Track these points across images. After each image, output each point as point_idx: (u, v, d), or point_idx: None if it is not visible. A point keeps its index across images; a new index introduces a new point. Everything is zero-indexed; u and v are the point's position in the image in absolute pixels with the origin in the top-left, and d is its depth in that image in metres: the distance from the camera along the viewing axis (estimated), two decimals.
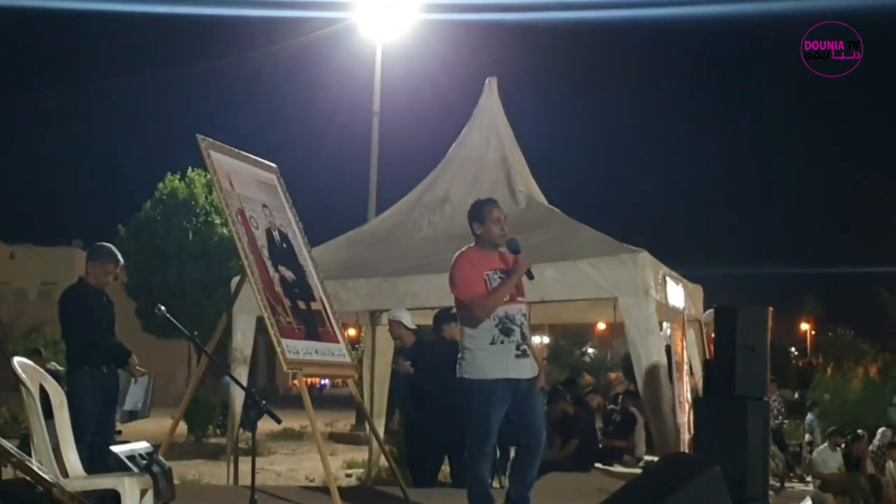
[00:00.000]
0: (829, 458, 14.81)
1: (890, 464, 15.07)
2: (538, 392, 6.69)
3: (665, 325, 11.07)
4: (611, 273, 9.70)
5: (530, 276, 6.57)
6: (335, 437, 23.03)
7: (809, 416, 20.78)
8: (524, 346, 6.49)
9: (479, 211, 6.71)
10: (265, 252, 8.24)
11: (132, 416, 8.33)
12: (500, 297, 6.40)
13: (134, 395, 8.23)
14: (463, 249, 6.77)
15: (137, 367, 7.97)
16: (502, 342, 6.42)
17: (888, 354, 34.35)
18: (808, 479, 14.50)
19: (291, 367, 7.78)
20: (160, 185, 30.68)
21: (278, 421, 5.23)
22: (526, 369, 6.49)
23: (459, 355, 6.60)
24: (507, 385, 6.41)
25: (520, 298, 6.58)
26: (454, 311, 9.46)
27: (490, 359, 6.41)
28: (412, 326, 10.06)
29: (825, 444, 15.42)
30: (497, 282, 6.47)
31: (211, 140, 8.40)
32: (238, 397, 10.87)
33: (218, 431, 21.55)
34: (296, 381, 9.14)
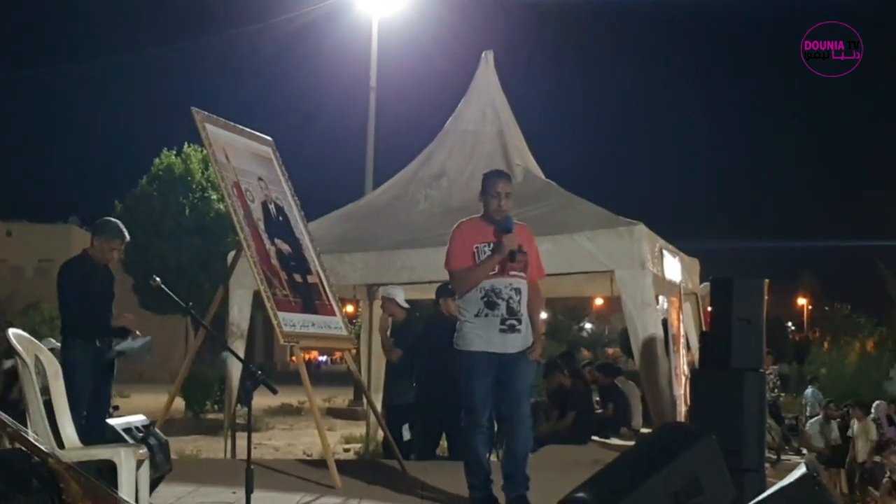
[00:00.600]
0: (824, 430, 14.85)
1: (854, 422, 15.11)
2: (529, 365, 6.59)
3: (662, 298, 11.08)
4: (607, 246, 9.70)
5: (511, 258, 6.39)
6: (333, 413, 23.08)
7: (810, 389, 20.87)
8: (511, 321, 6.43)
9: (484, 182, 6.68)
10: (261, 225, 8.24)
11: (122, 355, 8.10)
12: (477, 275, 6.40)
13: (129, 344, 8.09)
14: (463, 220, 6.76)
15: (137, 333, 7.94)
16: (486, 315, 6.41)
17: (885, 329, 34.48)
18: (804, 451, 14.55)
19: (288, 340, 7.78)
20: (156, 160, 30.60)
21: (274, 391, 5.22)
22: (511, 344, 6.45)
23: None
24: (489, 358, 6.41)
25: (513, 273, 6.46)
26: (445, 287, 9.62)
27: (475, 331, 6.43)
28: (405, 305, 10.16)
29: (820, 416, 15.47)
30: (485, 255, 6.44)
31: (206, 113, 8.38)
32: (235, 372, 10.87)
33: (216, 407, 21.60)
34: (294, 358, 9.17)
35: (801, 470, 4.16)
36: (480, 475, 6.48)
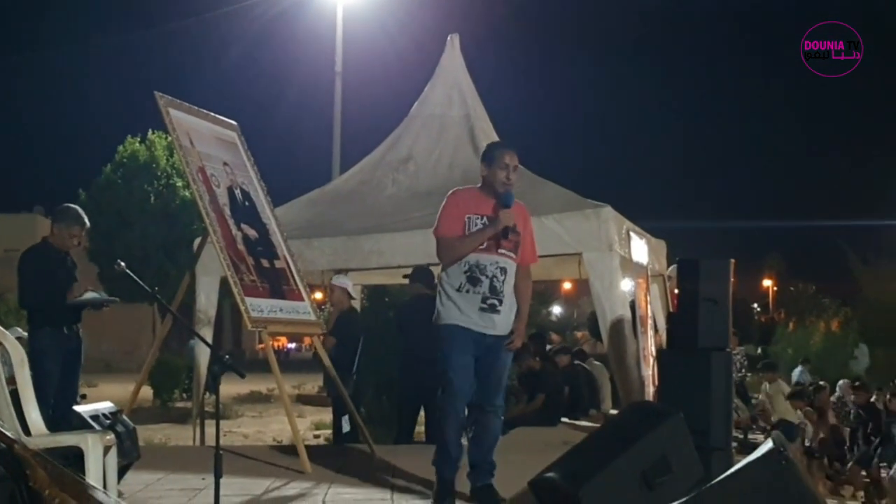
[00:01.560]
0: (790, 409, 14.93)
1: (765, 385, 15.24)
2: (508, 354, 6.32)
3: (629, 280, 11.12)
4: (575, 228, 9.72)
5: (504, 235, 6.10)
6: (303, 399, 23.03)
7: (799, 369, 21.00)
8: (493, 301, 6.13)
9: (491, 152, 6.36)
10: (227, 210, 8.19)
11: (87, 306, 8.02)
12: (464, 247, 6.11)
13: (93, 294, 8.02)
14: (460, 187, 6.56)
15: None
16: (468, 291, 6.11)
17: (849, 309, 34.74)
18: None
19: (256, 326, 7.76)
20: (120, 147, 30.39)
21: (242, 375, 5.19)
22: (493, 324, 6.15)
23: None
24: (468, 335, 6.12)
25: (503, 251, 6.16)
26: (419, 270, 9.68)
27: (455, 305, 6.14)
28: (354, 296, 10.50)
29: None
30: (476, 227, 6.15)
31: (169, 97, 8.31)
32: (204, 360, 10.86)
33: (184, 396, 21.53)
34: (262, 345, 9.16)
35: (767, 445, 4.18)
36: (448, 460, 6.21)
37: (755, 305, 59.70)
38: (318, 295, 14.23)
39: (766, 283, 64.12)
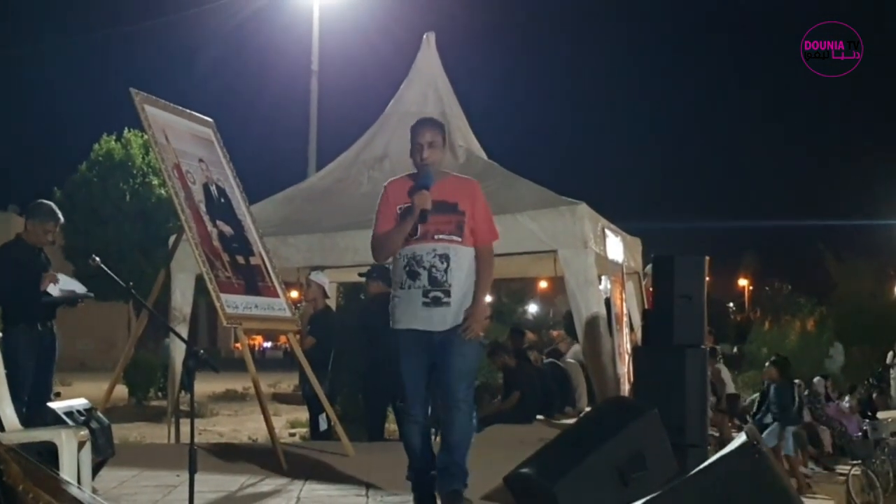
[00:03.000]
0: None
1: (724, 369, 15.48)
2: (466, 345, 5.62)
3: (604, 278, 11.15)
4: (550, 225, 9.75)
5: (422, 219, 5.57)
6: (278, 398, 22.99)
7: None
8: (435, 293, 5.59)
9: (410, 134, 5.91)
10: (202, 207, 8.17)
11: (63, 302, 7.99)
12: (390, 241, 5.68)
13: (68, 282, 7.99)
14: (395, 177, 6.08)
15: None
16: (409, 287, 5.65)
17: (824, 308, 34.90)
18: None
19: (231, 322, 7.74)
20: (96, 146, 30.25)
21: (216, 369, 5.19)
22: (438, 320, 5.60)
23: None
24: (417, 336, 5.64)
25: (441, 237, 5.63)
26: (377, 267, 9.69)
27: (399, 306, 5.71)
28: (329, 296, 10.58)
29: (758, 394, 15.63)
30: None
31: (145, 94, 8.29)
32: (179, 358, 10.81)
33: (159, 394, 21.44)
34: (238, 344, 9.16)
35: (741, 438, 4.21)
36: (416, 471, 5.82)
37: (731, 304, 59.93)
38: (294, 294, 14.22)
39: (742, 282, 64.39)
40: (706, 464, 4.44)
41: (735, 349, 32.68)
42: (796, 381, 16.47)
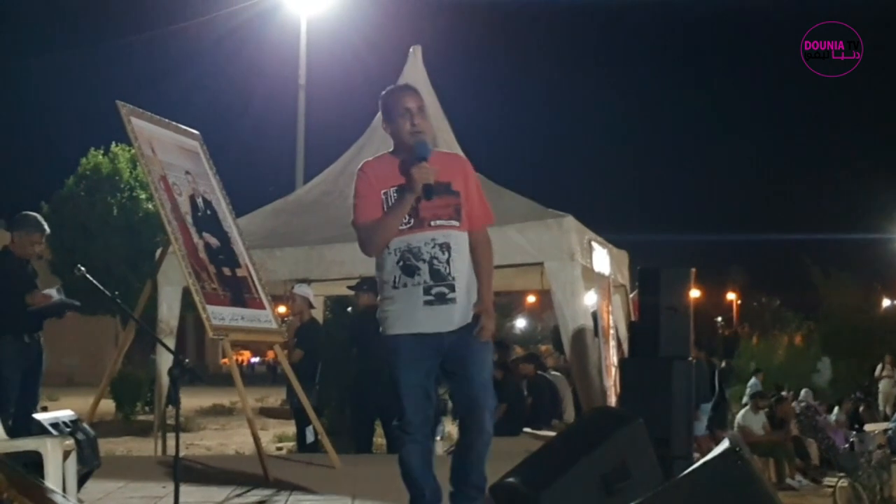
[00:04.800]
0: (751, 420, 15.08)
1: None
2: (484, 346, 4.98)
3: (592, 292, 11.17)
4: (536, 238, 9.77)
5: (428, 196, 4.83)
6: (266, 412, 22.95)
7: (753, 380, 21.16)
8: (440, 289, 4.85)
9: (385, 102, 5.12)
10: (189, 219, 8.18)
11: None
12: (384, 227, 4.88)
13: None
14: (370, 158, 5.33)
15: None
16: (405, 285, 4.87)
17: (812, 322, 35.01)
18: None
19: (217, 334, 7.74)
20: (83, 160, 30.20)
21: (201, 378, 5.22)
22: (445, 319, 4.87)
23: None
24: (417, 342, 4.90)
25: (439, 222, 4.90)
26: (366, 279, 9.68)
27: (394, 308, 4.93)
28: (315, 306, 10.64)
29: (748, 407, 15.70)
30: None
31: (132, 107, 8.30)
32: (165, 371, 10.79)
33: (146, 409, 21.38)
34: (226, 359, 9.18)
35: (724, 444, 4.23)
36: (419, 493, 5.08)
37: (719, 319, 59.99)
38: (283, 308, 14.21)
39: (730, 296, 64.46)
40: (689, 470, 4.46)
41: (724, 363, 32.76)
42: (783, 392, 16.59)
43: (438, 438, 10.44)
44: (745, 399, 19.27)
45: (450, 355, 4.92)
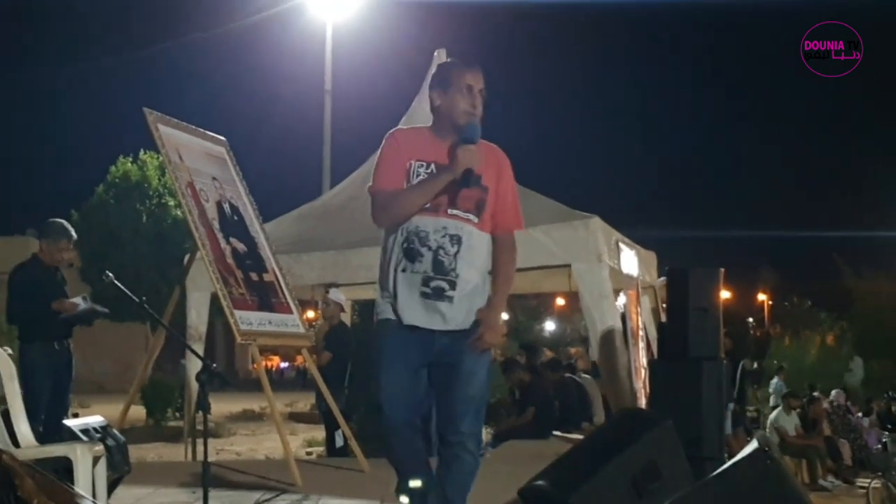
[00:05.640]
0: (784, 420, 14.98)
1: None
2: (478, 359, 4.47)
3: (621, 294, 11.14)
4: (563, 239, 9.74)
5: (466, 183, 4.36)
6: (295, 417, 23.04)
7: (776, 380, 21.04)
8: (438, 283, 4.37)
9: (446, 74, 4.58)
10: (216, 224, 8.21)
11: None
12: (408, 200, 4.38)
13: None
14: (403, 126, 4.91)
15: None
16: (404, 270, 4.39)
17: (844, 322, 34.81)
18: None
19: (244, 338, 7.76)
20: (112, 168, 30.35)
21: (229, 383, 5.23)
22: (440, 317, 4.39)
23: None
24: (409, 335, 4.41)
25: (456, 212, 4.42)
26: None
27: (390, 293, 4.46)
28: (346, 311, 10.84)
29: (780, 408, 15.60)
30: (423, 178, 4.44)
31: (158, 114, 8.34)
32: (194, 377, 10.85)
33: (177, 415, 21.48)
34: (255, 365, 9.20)
35: (752, 445, 4.20)
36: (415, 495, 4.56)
37: (751, 320, 59.72)
38: (311, 314, 14.23)
39: (761, 297, 64.17)
40: (718, 471, 4.43)
41: (755, 364, 32.60)
42: (815, 393, 16.48)
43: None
44: (771, 400, 19.20)
45: (438, 360, 4.46)
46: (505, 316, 32.55)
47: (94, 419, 6.51)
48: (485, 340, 4.43)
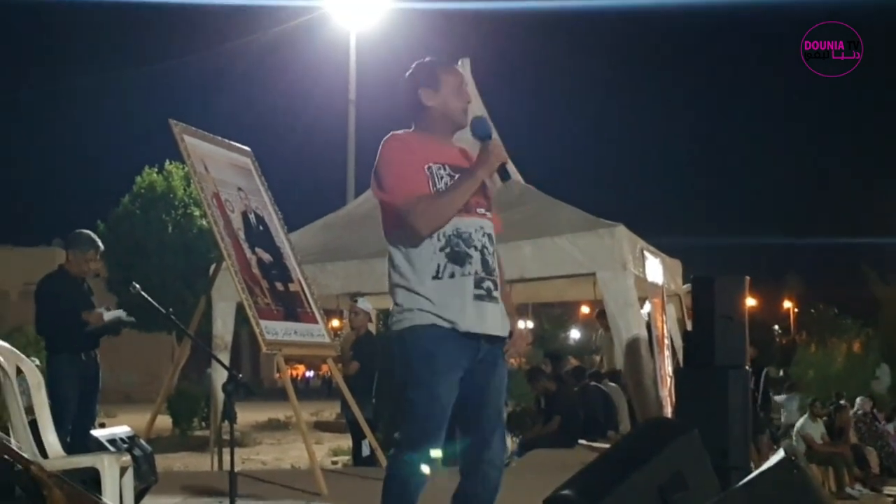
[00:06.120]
0: (810, 428, 14.88)
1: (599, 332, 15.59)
2: (503, 367, 4.26)
3: (646, 302, 11.12)
4: (588, 248, 9.74)
5: (504, 176, 4.32)
6: (320, 426, 23.03)
7: (784, 396, 20.93)
8: (489, 283, 4.13)
9: (431, 75, 4.34)
10: (241, 235, 8.25)
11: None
12: (455, 201, 4.09)
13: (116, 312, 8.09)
14: (397, 131, 4.38)
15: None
16: (452, 275, 4.07)
17: (871, 329, 34.60)
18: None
19: (270, 348, 7.79)
20: (138, 178, 30.52)
21: (253, 392, 5.24)
22: (493, 320, 4.13)
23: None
24: (459, 343, 4.05)
25: (481, 210, 4.22)
26: None
27: (433, 302, 4.07)
28: (373, 320, 10.84)
29: (807, 416, 15.49)
30: (447, 181, 4.15)
31: (184, 125, 8.38)
32: (220, 386, 10.89)
33: (203, 424, 21.50)
34: (280, 374, 9.23)
35: (779, 454, 4.19)
36: None
37: (776, 327, 59.47)
38: (336, 322, 14.24)
39: (787, 304, 63.89)
40: (745, 480, 4.41)
41: (781, 372, 32.44)
42: (841, 401, 16.37)
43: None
44: (783, 417, 19.08)
45: (477, 364, 4.13)
46: (530, 324, 32.61)
47: (121, 429, 6.54)
48: (518, 347, 4.32)
